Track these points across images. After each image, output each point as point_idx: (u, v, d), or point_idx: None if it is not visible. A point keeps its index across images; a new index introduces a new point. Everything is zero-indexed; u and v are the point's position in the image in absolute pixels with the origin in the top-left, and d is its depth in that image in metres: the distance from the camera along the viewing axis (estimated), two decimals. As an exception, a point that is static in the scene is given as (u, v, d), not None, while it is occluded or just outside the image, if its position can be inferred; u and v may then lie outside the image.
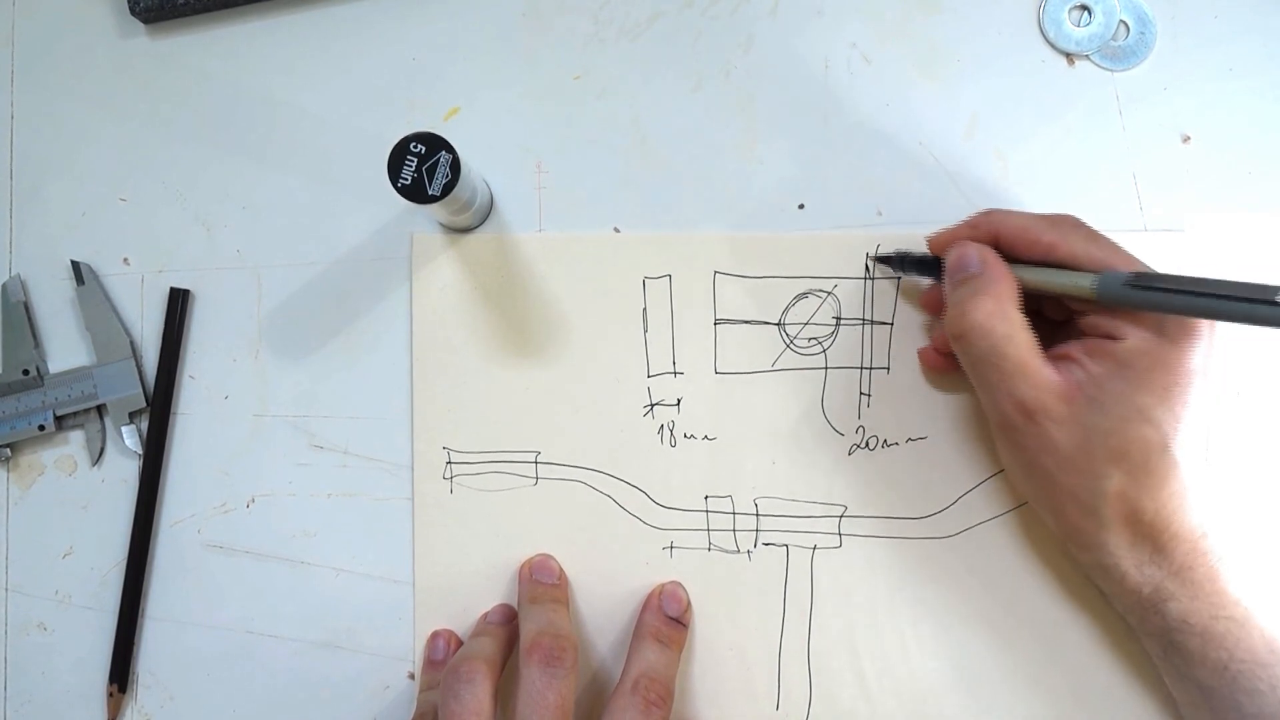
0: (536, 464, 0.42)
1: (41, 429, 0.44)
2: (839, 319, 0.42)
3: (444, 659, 0.41)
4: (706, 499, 0.42)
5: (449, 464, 0.42)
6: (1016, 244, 0.36)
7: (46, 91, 0.46)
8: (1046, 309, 0.38)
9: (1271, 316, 0.30)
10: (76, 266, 0.44)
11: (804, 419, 0.42)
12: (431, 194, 0.36)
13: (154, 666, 0.43)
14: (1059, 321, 0.38)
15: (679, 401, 0.42)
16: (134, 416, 0.44)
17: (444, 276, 0.43)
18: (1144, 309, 0.33)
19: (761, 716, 0.41)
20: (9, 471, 0.45)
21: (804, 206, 0.43)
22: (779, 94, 0.43)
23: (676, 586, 0.41)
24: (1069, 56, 0.43)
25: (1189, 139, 0.42)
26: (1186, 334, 0.33)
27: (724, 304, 0.42)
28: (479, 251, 0.43)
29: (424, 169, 0.36)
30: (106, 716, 0.43)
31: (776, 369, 0.42)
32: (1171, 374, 0.33)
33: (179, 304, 0.44)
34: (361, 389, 0.43)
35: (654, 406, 0.42)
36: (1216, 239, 0.41)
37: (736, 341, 0.42)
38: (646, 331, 0.42)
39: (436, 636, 0.42)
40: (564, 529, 0.42)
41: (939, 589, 0.41)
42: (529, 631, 0.37)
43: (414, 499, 0.42)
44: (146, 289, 0.45)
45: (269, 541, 0.43)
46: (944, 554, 0.41)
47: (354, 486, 0.43)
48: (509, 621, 0.41)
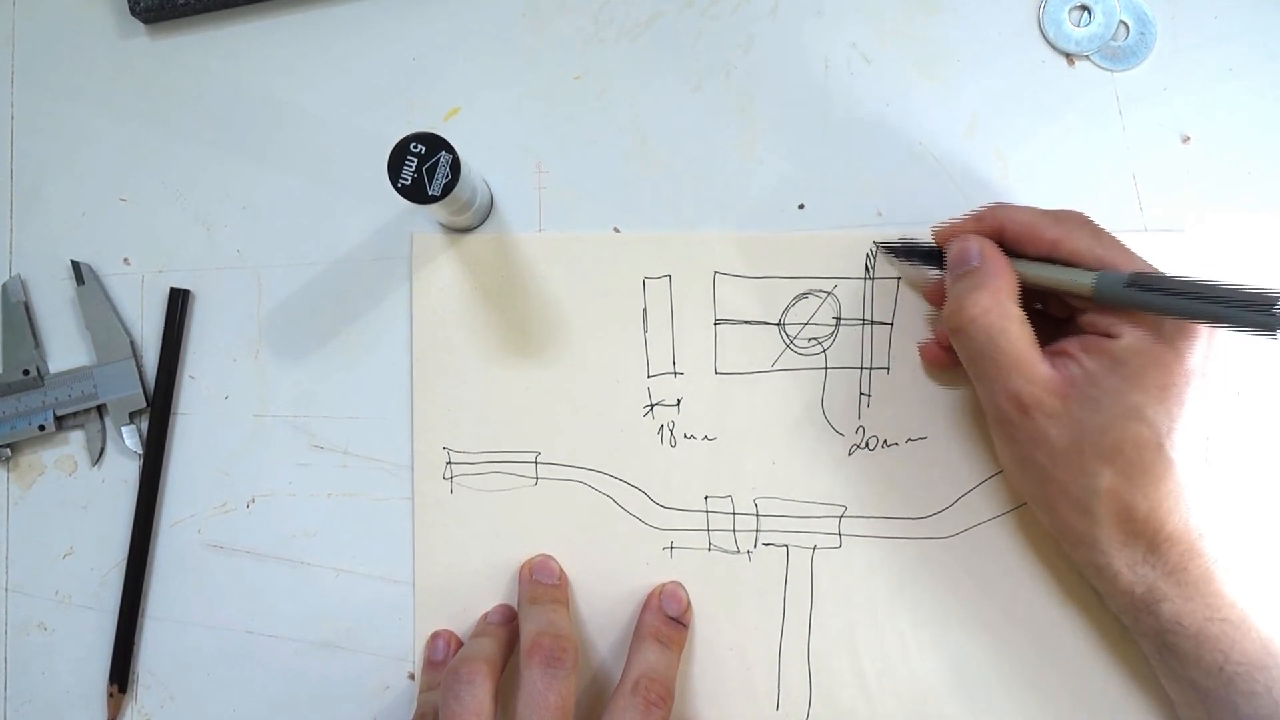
0: (536, 464, 0.42)
1: (42, 429, 0.44)
2: (839, 319, 0.42)
3: (444, 659, 0.41)
4: (706, 499, 0.42)
5: (449, 464, 0.42)
6: (1021, 238, 0.36)
7: (46, 91, 0.46)
8: (1049, 306, 0.38)
9: (1268, 325, 0.30)
10: (76, 266, 0.44)
11: (804, 419, 0.42)
12: (431, 194, 0.36)
13: (154, 666, 0.43)
14: (1061, 319, 0.38)
15: (679, 401, 0.42)
16: (134, 416, 0.44)
17: (444, 276, 0.43)
18: (1142, 310, 0.33)
19: (761, 716, 0.41)
20: (9, 471, 0.45)
21: (804, 206, 0.43)
22: (779, 94, 0.43)
23: (676, 586, 0.41)
24: (1069, 57, 0.43)
25: (1189, 139, 0.42)
26: (1184, 335, 0.33)
27: (724, 304, 0.42)
28: (479, 251, 0.43)
29: (424, 169, 0.36)
30: (106, 716, 0.43)
31: (776, 369, 0.42)
32: (1168, 374, 0.33)
33: (179, 304, 0.44)
34: (361, 389, 0.43)
35: (654, 406, 0.42)
36: (1216, 239, 0.41)
37: (736, 341, 0.42)
38: (646, 331, 0.42)
39: (436, 637, 0.42)
40: (564, 529, 0.42)
41: (939, 589, 0.41)
42: (529, 632, 0.37)
43: (414, 499, 0.42)
44: (146, 289, 0.45)
45: (269, 541, 0.43)
46: (944, 554, 0.41)
47: (354, 486, 0.43)
48: (509, 622, 0.41)
